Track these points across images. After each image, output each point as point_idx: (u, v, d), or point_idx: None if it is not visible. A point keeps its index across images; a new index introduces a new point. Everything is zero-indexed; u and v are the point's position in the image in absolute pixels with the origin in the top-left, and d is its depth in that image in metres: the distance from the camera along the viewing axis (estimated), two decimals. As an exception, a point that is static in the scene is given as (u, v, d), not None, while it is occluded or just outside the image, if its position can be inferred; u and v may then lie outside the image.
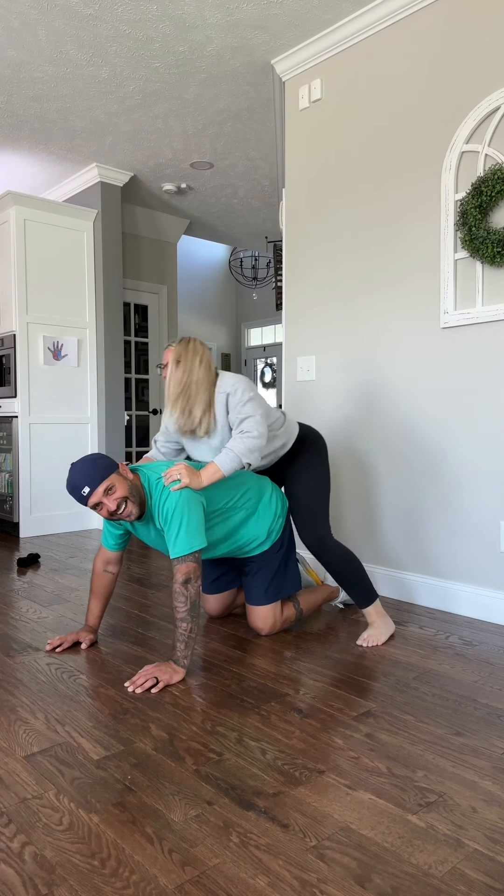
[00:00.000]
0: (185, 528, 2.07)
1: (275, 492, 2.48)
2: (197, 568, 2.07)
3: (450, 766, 1.54)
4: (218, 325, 8.91)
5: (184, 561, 2.06)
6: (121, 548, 2.35)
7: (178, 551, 2.06)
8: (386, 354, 3.01)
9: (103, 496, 2.05)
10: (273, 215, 5.78)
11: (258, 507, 2.40)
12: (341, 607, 2.87)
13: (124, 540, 2.35)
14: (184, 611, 2.03)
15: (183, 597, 2.03)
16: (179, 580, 2.04)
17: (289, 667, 2.17)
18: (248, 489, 2.38)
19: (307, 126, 3.35)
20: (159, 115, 4.02)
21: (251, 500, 2.38)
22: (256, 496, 2.40)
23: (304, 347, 3.40)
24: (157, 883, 1.15)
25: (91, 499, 2.05)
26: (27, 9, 2.99)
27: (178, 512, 2.07)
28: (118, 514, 2.08)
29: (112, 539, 2.33)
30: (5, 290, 4.69)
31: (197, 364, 2.31)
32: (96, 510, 2.09)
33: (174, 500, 2.09)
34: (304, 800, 1.40)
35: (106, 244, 4.92)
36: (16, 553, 4.04)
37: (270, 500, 2.44)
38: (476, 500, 2.70)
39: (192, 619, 2.04)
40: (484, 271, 2.64)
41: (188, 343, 2.35)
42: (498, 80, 2.60)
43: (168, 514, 2.09)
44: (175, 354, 2.34)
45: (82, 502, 2.07)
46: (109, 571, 2.36)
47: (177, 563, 2.06)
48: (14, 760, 1.57)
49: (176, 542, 2.07)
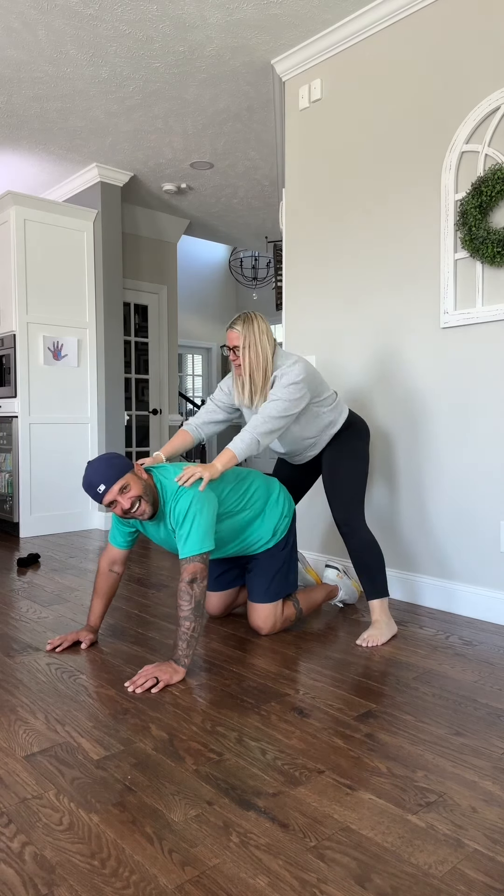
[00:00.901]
0: (196, 528, 2.10)
1: (282, 492, 2.51)
2: (204, 569, 2.09)
3: (450, 766, 1.54)
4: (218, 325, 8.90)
5: (191, 561, 2.08)
6: (129, 546, 2.37)
7: (188, 551, 2.09)
8: (386, 354, 3.01)
9: (118, 494, 2.09)
10: (273, 215, 5.78)
11: (265, 506, 2.43)
12: (340, 606, 2.87)
13: (133, 538, 2.37)
14: (188, 609, 2.04)
15: (188, 595, 2.05)
16: (186, 579, 2.06)
17: (289, 667, 2.17)
18: (256, 489, 2.41)
19: (307, 126, 3.35)
20: (159, 115, 4.02)
21: (259, 501, 2.41)
22: (264, 496, 2.43)
23: (304, 347, 3.40)
24: (157, 883, 1.15)
25: (106, 496, 2.09)
26: (27, 9, 2.99)
27: (192, 512, 2.10)
28: (132, 512, 2.12)
29: (121, 536, 2.35)
30: (5, 290, 4.69)
31: (265, 343, 2.40)
32: (111, 508, 2.14)
33: (188, 500, 2.12)
34: (304, 800, 1.40)
35: (106, 244, 4.92)
36: (16, 553, 4.04)
37: (277, 500, 2.47)
38: (476, 500, 2.70)
39: (195, 618, 2.05)
40: (484, 271, 2.64)
41: (252, 324, 2.40)
42: (498, 80, 2.59)
43: (181, 514, 2.12)
44: (243, 339, 2.39)
45: (97, 500, 2.11)
46: (115, 571, 2.37)
47: (184, 562, 2.09)
48: (14, 760, 1.57)
49: (187, 542, 2.10)
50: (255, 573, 2.46)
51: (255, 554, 2.47)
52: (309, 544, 3.41)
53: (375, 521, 3.07)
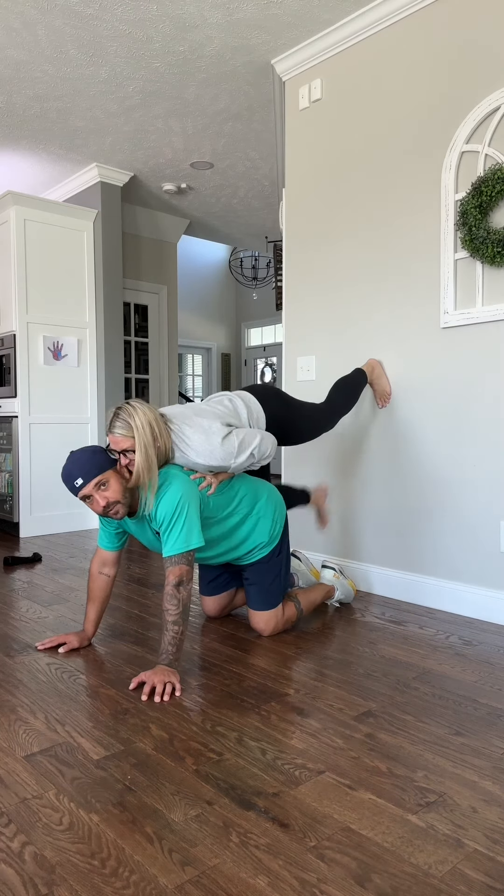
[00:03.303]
0: (182, 524, 2.05)
1: (272, 495, 2.45)
2: (190, 571, 2.05)
3: (450, 766, 1.54)
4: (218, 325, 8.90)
5: (177, 563, 2.04)
6: (117, 547, 2.32)
7: (174, 548, 2.04)
8: (386, 354, 3.01)
9: (94, 490, 2.05)
10: (273, 215, 5.78)
11: (254, 510, 2.37)
12: (337, 606, 2.87)
13: (121, 539, 2.32)
14: (175, 613, 2.01)
15: (175, 599, 2.01)
16: (172, 582, 2.02)
17: (289, 667, 2.17)
18: (243, 494, 2.35)
19: (307, 126, 3.35)
20: (159, 115, 4.02)
21: (245, 504, 2.35)
22: (252, 499, 2.37)
23: (304, 347, 3.40)
24: (157, 883, 1.15)
25: (82, 490, 2.05)
26: (27, 8, 2.99)
27: (178, 509, 2.06)
28: (106, 512, 2.07)
29: (107, 538, 2.30)
30: (5, 290, 4.69)
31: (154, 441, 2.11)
32: (85, 502, 2.09)
33: (174, 497, 2.07)
34: (304, 800, 1.40)
35: (106, 244, 4.92)
36: (15, 553, 4.04)
37: (267, 502, 2.41)
38: (476, 500, 2.70)
39: (183, 622, 2.02)
40: (484, 271, 2.64)
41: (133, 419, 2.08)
42: (498, 80, 2.60)
43: (167, 511, 2.07)
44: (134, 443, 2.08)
45: (73, 492, 2.07)
46: (105, 574, 2.32)
47: (170, 564, 2.04)
48: (14, 760, 1.57)
49: (173, 538, 2.05)
50: (253, 582, 2.43)
51: (251, 563, 2.43)
52: (306, 544, 3.40)
53: (376, 521, 3.07)
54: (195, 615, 2.74)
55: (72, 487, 2.06)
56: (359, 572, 3.13)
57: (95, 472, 2.04)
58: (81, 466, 2.05)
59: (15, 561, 3.69)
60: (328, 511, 3.23)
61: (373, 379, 2.98)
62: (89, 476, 2.04)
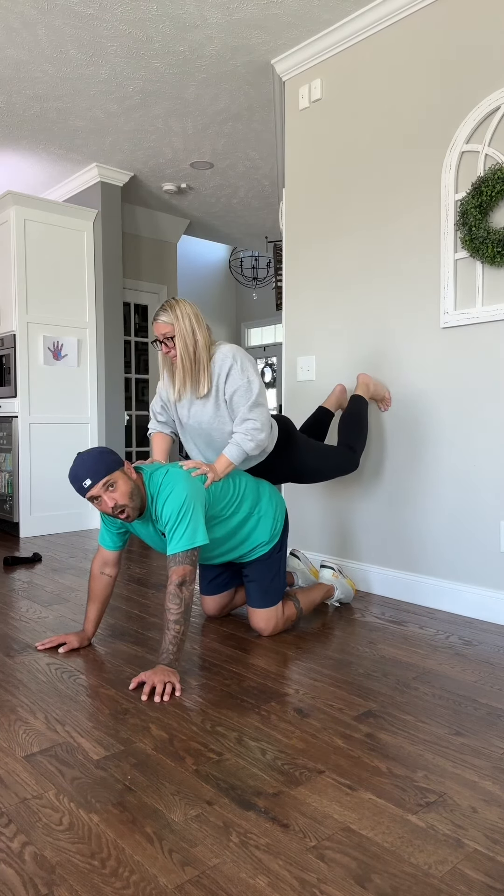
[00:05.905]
0: (187, 523, 2.06)
1: (273, 493, 2.48)
2: (193, 571, 2.05)
3: (450, 766, 1.54)
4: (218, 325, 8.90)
5: (181, 563, 2.04)
6: (119, 547, 2.32)
7: (180, 545, 2.04)
8: (386, 354, 3.01)
9: (103, 491, 2.05)
10: (273, 215, 5.78)
11: (256, 509, 2.38)
12: (336, 605, 2.87)
13: (123, 539, 2.32)
14: (177, 613, 2.01)
15: (178, 599, 2.01)
16: (175, 581, 2.03)
17: (289, 667, 2.17)
18: (245, 493, 2.36)
19: (307, 126, 3.35)
20: (159, 115, 4.02)
21: (248, 502, 2.36)
22: (254, 499, 2.39)
23: (304, 347, 3.40)
24: (157, 883, 1.15)
25: (90, 491, 2.05)
26: (27, 8, 2.99)
27: (184, 507, 2.06)
28: (114, 513, 2.08)
29: (110, 537, 2.30)
30: (5, 290, 4.69)
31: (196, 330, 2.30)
32: (93, 503, 2.10)
33: (180, 496, 2.07)
34: (304, 800, 1.40)
35: (106, 244, 4.92)
36: (15, 553, 4.04)
37: (270, 501, 2.44)
38: (476, 500, 2.70)
39: (185, 622, 2.02)
40: (484, 271, 2.64)
41: (179, 310, 2.30)
42: (498, 81, 2.60)
43: (173, 510, 2.07)
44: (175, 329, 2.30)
45: (81, 493, 2.07)
46: (106, 574, 2.32)
47: (173, 563, 2.05)
48: (14, 760, 1.57)
49: (178, 535, 2.05)
50: (253, 580, 2.43)
51: (251, 561, 2.44)
52: (305, 544, 3.41)
53: (376, 522, 3.07)
54: (195, 615, 2.74)
55: (80, 488, 2.06)
56: (358, 572, 3.13)
57: (103, 472, 2.05)
58: (89, 468, 2.05)
59: (15, 561, 3.69)
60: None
61: (370, 394, 2.93)
62: (97, 477, 2.04)
